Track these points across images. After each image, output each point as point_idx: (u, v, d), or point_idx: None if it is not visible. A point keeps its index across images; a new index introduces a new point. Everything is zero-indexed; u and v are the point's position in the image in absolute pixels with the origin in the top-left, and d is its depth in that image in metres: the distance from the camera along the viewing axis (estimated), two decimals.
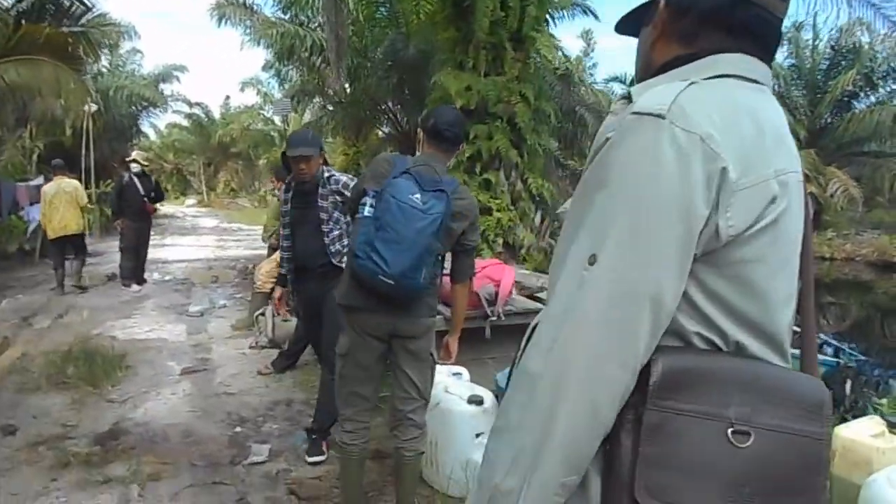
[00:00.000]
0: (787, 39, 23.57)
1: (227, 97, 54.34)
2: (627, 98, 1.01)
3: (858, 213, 21.69)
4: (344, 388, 2.99)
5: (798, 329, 1.11)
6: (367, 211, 2.66)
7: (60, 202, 9.39)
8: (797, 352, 1.07)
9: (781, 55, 23.92)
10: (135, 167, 9.73)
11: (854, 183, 19.51)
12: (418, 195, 2.62)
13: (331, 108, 18.67)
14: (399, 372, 2.95)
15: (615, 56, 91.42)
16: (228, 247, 16.39)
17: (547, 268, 3.26)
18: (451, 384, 3.68)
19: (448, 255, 2.97)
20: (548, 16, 9.47)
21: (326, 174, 3.77)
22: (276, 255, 7.29)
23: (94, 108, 17.56)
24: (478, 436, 3.33)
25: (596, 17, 13.81)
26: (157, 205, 10.42)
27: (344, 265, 3.27)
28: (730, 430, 0.88)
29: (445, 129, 2.86)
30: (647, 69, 1.10)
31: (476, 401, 3.42)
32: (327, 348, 3.75)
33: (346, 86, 17.67)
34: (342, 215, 3.77)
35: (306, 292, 3.99)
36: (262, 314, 6.45)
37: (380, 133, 18.69)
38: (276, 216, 8.88)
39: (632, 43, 1.17)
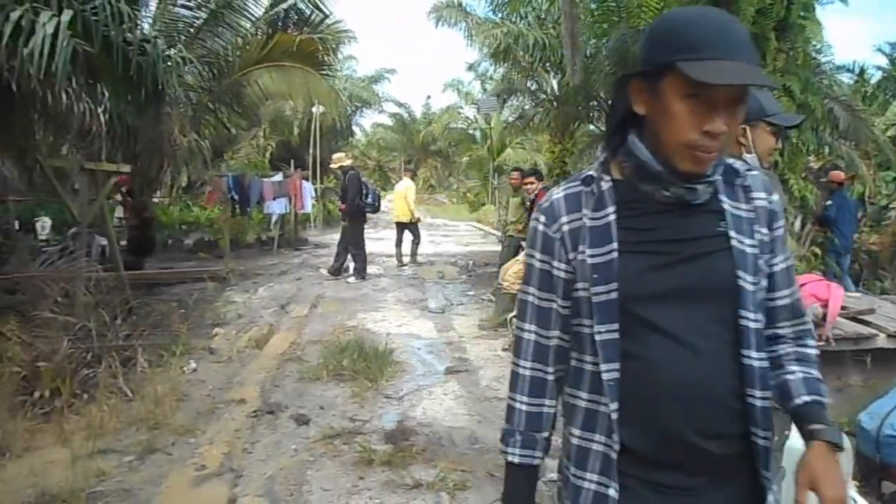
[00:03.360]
0: None
1: (429, 97, 56.50)
2: None
3: None
4: None
5: None
6: None
7: (397, 197, 12.35)
8: None
9: None
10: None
11: None
12: None
13: (533, 106, 18.56)
14: None
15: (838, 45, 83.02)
16: (440, 242, 16.75)
17: None
18: None
19: None
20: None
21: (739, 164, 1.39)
22: (523, 256, 7.19)
23: (321, 109, 18.77)
24: None
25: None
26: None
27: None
28: None
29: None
30: None
31: None
32: None
33: (555, 83, 17.53)
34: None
35: None
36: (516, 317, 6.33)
37: (590, 129, 18.23)
38: (517, 214, 8.84)
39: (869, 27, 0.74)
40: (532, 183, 6.95)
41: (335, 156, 11.02)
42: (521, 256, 7.26)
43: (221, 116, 12.08)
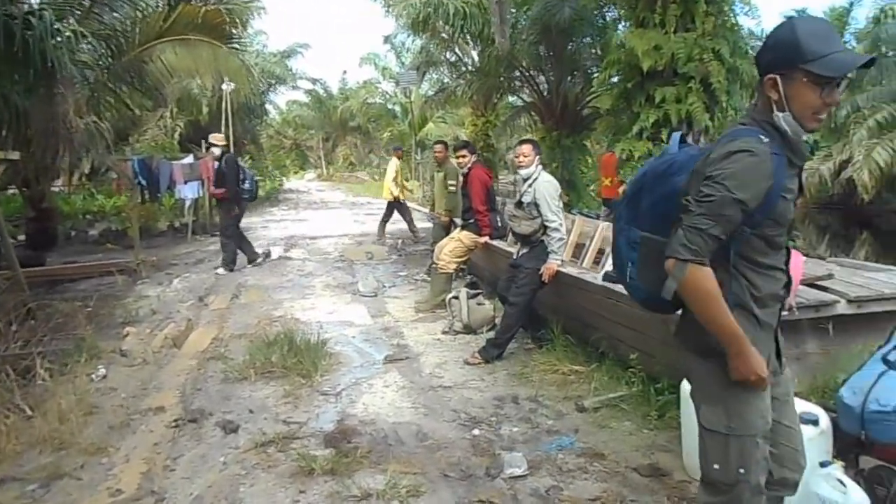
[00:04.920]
0: None
1: (345, 72, 55.30)
2: None
3: None
4: None
5: None
6: None
7: (385, 176, 12.59)
8: None
9: None
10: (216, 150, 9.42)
11: None
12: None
13: (454, 78, 18.21)
14: None
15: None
16: (365, 221, 16.27)
17: None
18: None
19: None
20: None
21: None
22: (458, 233, 6.88)
23: (231, 87, 17.81)
24: (823, 465, 2.69)
25: None
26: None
27: None
28: None
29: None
30: None
31: (811, 420, 2.78)
32: None
33: (475, 54, 17.20)
34: None
35: None
36: (456, 297, 6.02)
37: (513, 101, 18.07)
38: (443, 192, 8.50)
39: None
40: (464, 156, 6.59)
41: (217, 136, 9.88)
42: (456, 233, 6.94)
43: (123, 96, 11.17)
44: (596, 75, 13.99)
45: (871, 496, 2.68)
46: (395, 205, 12.31)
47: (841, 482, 2.59)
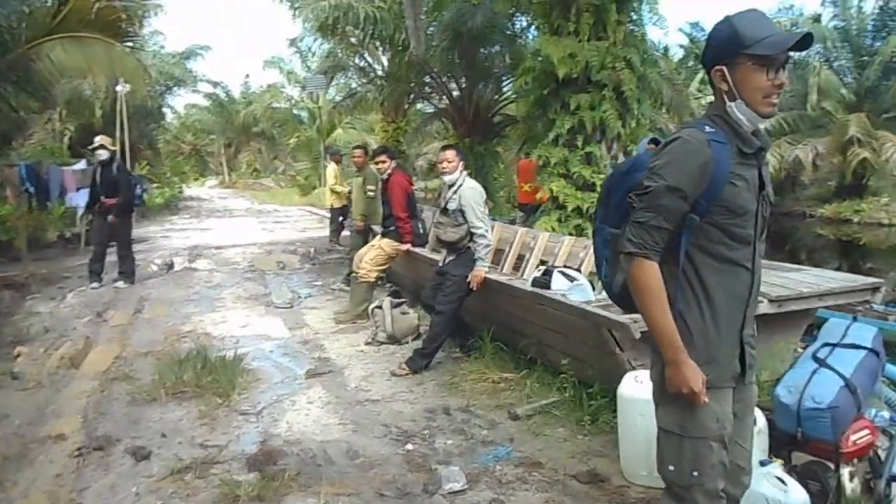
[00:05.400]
0: (832, 1, 23.01)
1: (247, 76, 53.78)
2: None
3: None
4: None
5: None
6: None
7: (326, 183, 12.23)
8: None
9: (827, 17, 23.37)
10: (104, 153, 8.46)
11: None
12: None
13: (364, 84, 18.00)
14: None
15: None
16: (274, 229, 15.79)
17: None
18: None
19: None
20: None
21: None
22: (379, 241, 6.70)
23: (126, 88, 16.87)
24: (763, 464, 2.71)
25: None
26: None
27: None
28: None
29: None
30: None
31: None
32: None
33: (385, 59, 17.06)
34: None
35: None
36: (379, 307, 5.84)
37: (423, 108, 18.03)
38: (361, 197, 8.28)
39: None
40: (384, 162, 6.44)
41: (106, 138, 8.96)
42: (376, 241, 6.77)
43: (7, 97, 10.36)
44: (507, 83, 14.22)
45: (806, 491, 2.73)
46: (341, 211, 11.68)
47: (781, 480, 2.63)
